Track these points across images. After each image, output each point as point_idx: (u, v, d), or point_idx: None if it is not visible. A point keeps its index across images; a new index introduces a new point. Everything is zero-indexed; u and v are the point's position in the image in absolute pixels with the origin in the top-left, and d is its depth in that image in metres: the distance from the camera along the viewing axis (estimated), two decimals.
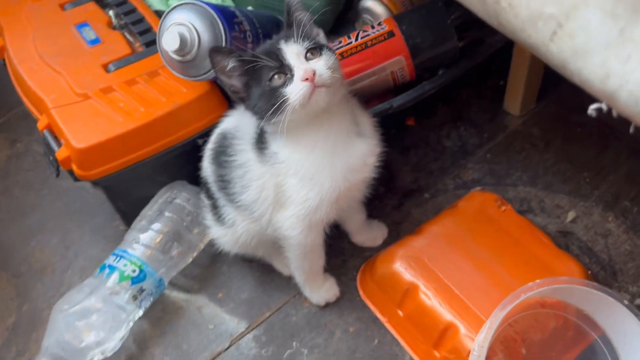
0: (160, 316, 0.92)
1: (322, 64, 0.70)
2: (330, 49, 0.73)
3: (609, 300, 0.72)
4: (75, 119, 0.88)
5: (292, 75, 0.69)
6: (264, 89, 0.71)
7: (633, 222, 0.96)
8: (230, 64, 0.72)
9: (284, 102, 0.68)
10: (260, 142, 0.77)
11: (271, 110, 0.69)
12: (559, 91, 1.14)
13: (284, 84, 0.69)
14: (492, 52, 1.00)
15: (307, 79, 0.68)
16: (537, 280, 0.72)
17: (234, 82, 0.73)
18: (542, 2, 0.53)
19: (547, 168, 1.05)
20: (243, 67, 0.72)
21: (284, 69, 0.70)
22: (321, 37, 0.76)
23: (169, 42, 0.78)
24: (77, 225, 1.06)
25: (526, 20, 0.55)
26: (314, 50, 0.71)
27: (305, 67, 0.69)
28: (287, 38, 0.72)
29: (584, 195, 1.00)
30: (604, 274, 0.90)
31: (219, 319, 0.91)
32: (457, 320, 0.79)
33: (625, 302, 0.71)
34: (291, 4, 0.74)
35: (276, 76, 0.70)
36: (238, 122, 0.81)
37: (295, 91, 0.68)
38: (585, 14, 0.49)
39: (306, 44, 0.71)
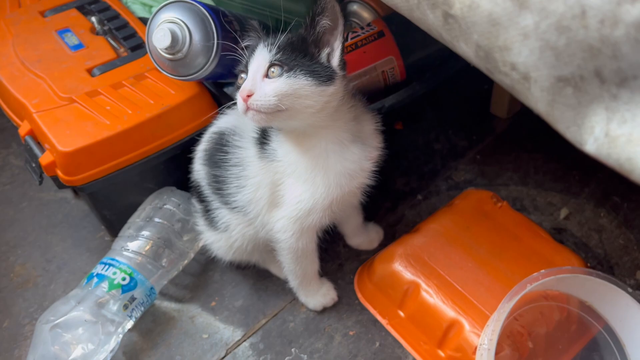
0: (151, 327, 0.87)
1: (269, 89, 0.64)
2: (310, 75, 0.64)
3: (612, 288, 0.71)
4: (59, 122, 0.84)
5: None
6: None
7: (625, 217, 0.96)
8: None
9: None
10: (264, 136, 0.75)
11: None
12: None
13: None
14: None
15: (241, 96, 0.65)
16: (542, 271, 0.71)
17: None
18: None
19: (537, 168, 1.05)
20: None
21: (246, 71, 0.67)
22: (334, 57, 0.68)
23: (159, 39, 0.76)
24: (59, 238, 1.01)
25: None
26: (278, 67, 0.65)
27: (244, 85, 0.65)
28: (271, 42, 0.67)
29: (575, 193, 1.01)
30: (601, 268, 0.90)
31: (213, 328, 0.87)
32: (462, 316, 0.77)
33: (629, 289, 0.70)
34: (326, 4, 0.65)
35: (242, 75, 0.69)
36: (237, 120, 0.79)
37: (237, 100, 0.66)
38: None
39: (277, 56, 0.65)
